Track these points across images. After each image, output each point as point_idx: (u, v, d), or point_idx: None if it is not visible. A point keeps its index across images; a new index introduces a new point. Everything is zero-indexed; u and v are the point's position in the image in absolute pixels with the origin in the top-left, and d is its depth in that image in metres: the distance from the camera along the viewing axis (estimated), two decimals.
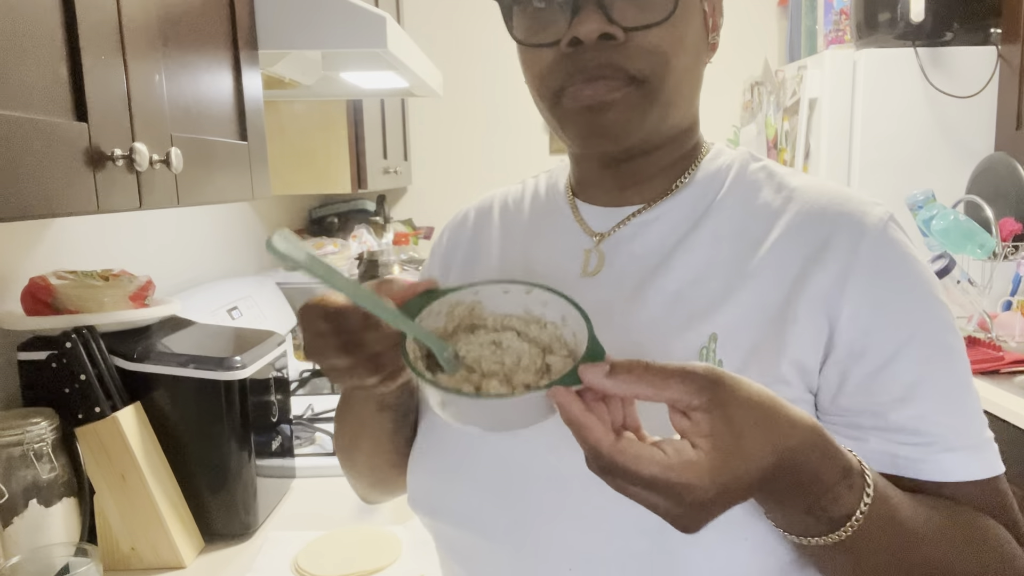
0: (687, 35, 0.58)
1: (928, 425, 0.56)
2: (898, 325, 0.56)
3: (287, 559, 1.04)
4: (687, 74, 0.59)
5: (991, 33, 2.25)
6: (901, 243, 0.59)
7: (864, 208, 0.59)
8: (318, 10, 1.13)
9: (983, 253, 1.92)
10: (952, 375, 0.57)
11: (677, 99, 0.60)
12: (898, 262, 0.58)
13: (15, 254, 1.15)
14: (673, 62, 0.57)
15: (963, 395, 0.58)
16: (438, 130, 3.04)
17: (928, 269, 0.60)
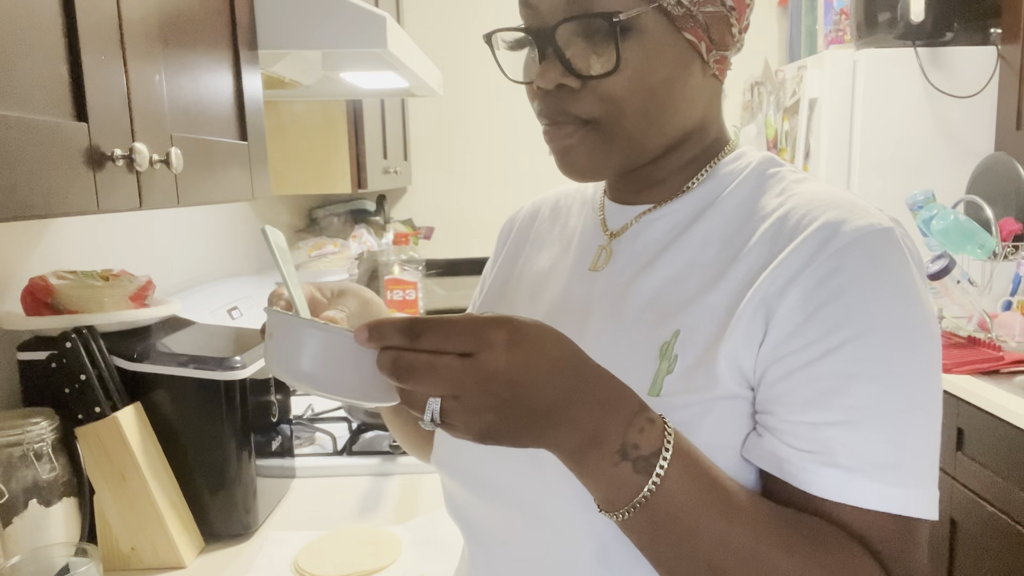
0: (650, 74, 0.59)
1: (825, 436, 0.53)
2: (825, 335, 0.53)
3: (287, 559, 1.04)
4: (655, 104, 0.60)
5: (991, 33, 2.25)
6: (877, 255, 0.54)
7: (848, 216, 0.56)
8: (318, 10, 1.13)
9: (983, 253, 1.92)
10: (883, 400, 0.53)
11: (647, 127, 0.61)
12: (860, 275, 0.54)
13: (15, 254, 1.15)
14: (629, 104, 0.59)
15: (892, 424, 0.53)
16: (438, 130, 3.04)
17: (911, 292, 0.55)
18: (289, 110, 2.00)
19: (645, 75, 0.58)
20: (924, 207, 2.01)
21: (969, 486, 1.77)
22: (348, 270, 2.22)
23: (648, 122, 0.60)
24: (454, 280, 2.67)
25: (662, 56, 0.59)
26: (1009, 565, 1.64)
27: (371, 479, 1.32)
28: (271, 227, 0.63)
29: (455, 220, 3.08)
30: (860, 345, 0.53)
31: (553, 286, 0.71)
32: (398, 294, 2.30)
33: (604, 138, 0.61)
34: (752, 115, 2.79)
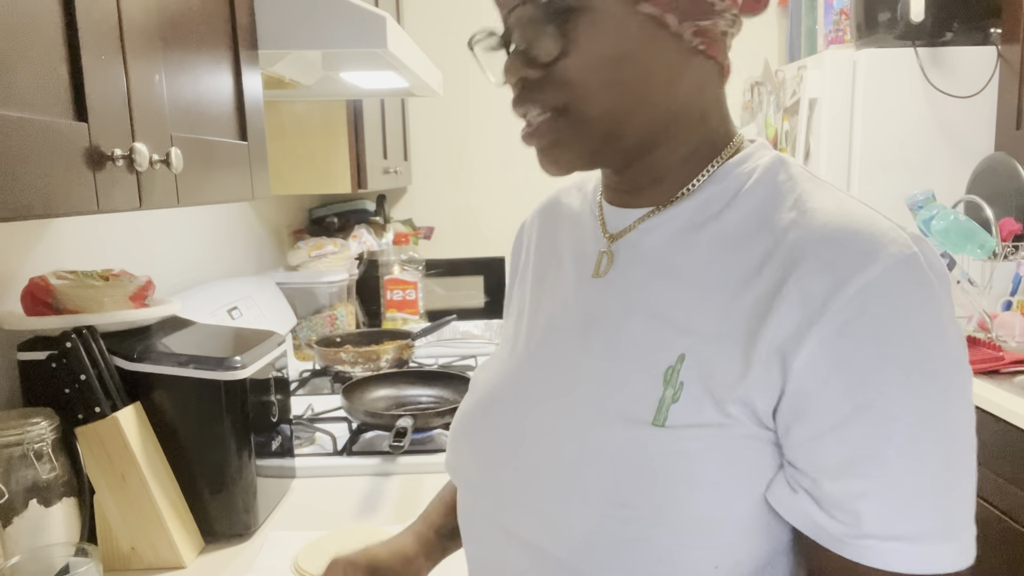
0: (605, 53, 0.55)
1: (862, 506, 0.51)
2: (853, 389, 0.50)
3: (287, 559, 1.04)
4: (619, 84, 0.56)
5: (991, 33, 2.25)
6: (899, 294, 0.50)
7: (867, 247, 0.51)
8: (318, 10, 1.13)
9: (983, 253, 1.92)
10: (922, 462, 0.50)
11: (616, 108, 0.57)
12: (883, 317, 0.50)
13: (15, 254, 1.15)
14: (589, 86, 0.56)
15: (932, 485, 0.50)
16: (438, 130, 3.04)
17: (938, 329, 0.50)
18: (289, 110, 2.00)
19: (599, 54, 0.55)
20: (924, 207, 2.01)
21: None
22: (348, 270, 2.22)
23: (616, 103, 0.56)
24: (454, 280, 2.67)
25: (617, 32, 0.55)
26: (1009, 565, 1.64)
27: (371, 479, 1.32)
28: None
29: (455, 220, 3.08)
30: (890, 402, 0.50)
31: (556, 295, 0.68)
32: (398, 294, 2.30)
33: (575, 125, 0.58)
34: (752, 115, 2.79)
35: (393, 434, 1.29)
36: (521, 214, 3.45)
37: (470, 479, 0.68)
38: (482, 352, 2.16)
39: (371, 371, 1.78)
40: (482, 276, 2.68)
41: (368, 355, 1.82)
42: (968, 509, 0.52)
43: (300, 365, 2.02)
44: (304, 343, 2.11)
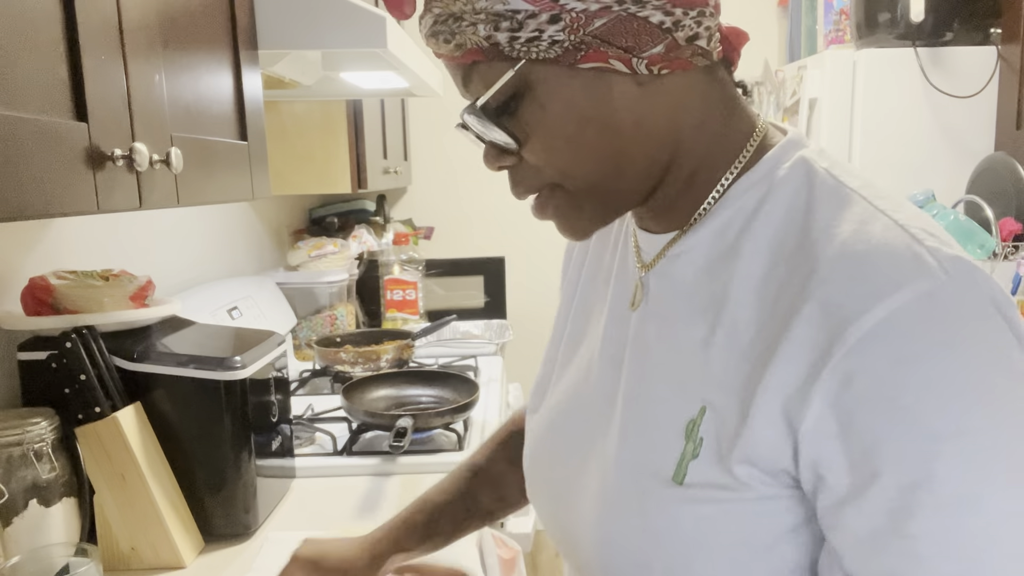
0: (563, 126, 0.53)
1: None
2: (867, 451, 0.44)
3: (287, 559, 1.04)
4: (593, 148, 0.53)
5: (991, 33, 2.25)
6: (906, 344, 0.43)
7: (878, 284, 0.44)
8: (318, 10, 1.13)
9: (983, 253, 1.92)
10: (951, 536, 0.43)
11: (603, 171, 0.54)
12: (887, 371, 0.43)
13: (15, 254, 1.15)
14: (564, 162, 0.54)
15: (969, 559, 0.43)
16: (438, 130, 3.03)
17: (970, 382, 0.42)
18: (289, 110, 2.00)
19: (556, 130, 0.53)
20: (924, 207, 2.01)
21: None
22: (348, 270, 2.22)
23: (595, 166, 0.54)
24: (454, 280, 2.67)
25: (562, 102, 0.52)
26: None
27: (371, 479, 1.32)
28: None
29: (455, 220, 3.08)
30: (907, 468, 0.43)
31: (600, 324, 0.66)
32: (398, 294, 2.30)
33: (569, 198, 0.56)
34: None
35: (393, 434, 1.29)
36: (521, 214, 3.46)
37: (542, 511, 0.70)
38: (482, 352, 2.15)
39: (371, 371, 1.78)
40: (482, 276, 2.68)
41: (368, 355, 1.82)
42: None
43: (300, 365, 2.02)
44: (304, 343, 2.11)
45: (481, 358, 2.08)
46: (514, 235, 3.07)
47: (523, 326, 3.11)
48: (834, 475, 0.46)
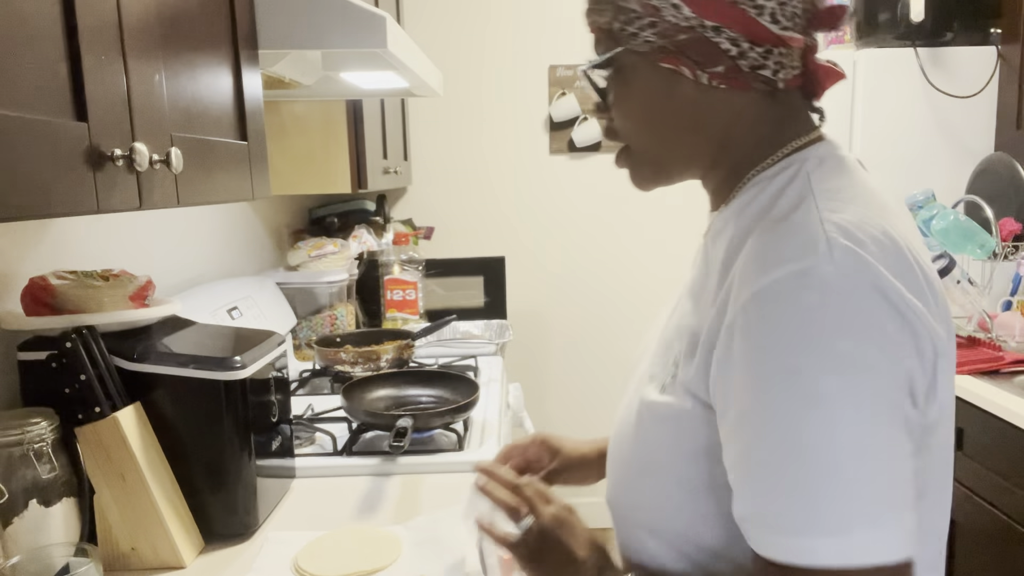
0: (633, 102, 0.71)
1: (738, 490, 0.61)
2: (732, 387, 0.60)
3: (287, 559, 1.04)
4: (652, 124, 0.71)
5: (991, 33, 2.25)
6: (769, 310, 0.57)
7: (770, 260, 0.59)
8: (318, 10, 1.13)
9: (983, 253, 1.92)
10: (775, 452, 0.56)
11: (657, 143, 0.72)
12: (754, 324, 0.58)
13: (15, 254, 1.15)
14: (629, 128, 0.73)
15: (787, 478, 0.56)
16: (438, 130, 3.04)
17: (808, 342, 0.56)
18: (289, 110, 2.00)
19: (630, 103, 0.71)
20: (924, 207, 2.01)
21: (969, 486, 1.77)
22: (348, 270, 2.22)
23: (651, 142, 0.72)
24: (454, 280, 2.67)
25: (641, 86, 0.69)
26: (1009, 565, 1.64)
27: (371, 479, 1.32)
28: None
29: (455, 220, 3.08)
30: (750, 403, 0.58)
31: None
32: (398, 294, 2.30)
33: (632, 159, 0.74)
34: None
35: (393, 434, 1.29)
36: (521, 214, 3.47)
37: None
38: (482, 352, 2.15)
39: (371, 371, 1.78)
40: (482, 276, 2.67)
41: (368, 355, 1.82)
42: (844, 509, 0.55)
43: (300, 365, 2.02)
44: (304, 343, 2.11)
45: (481, 358, 2.08)
46: (514, 235, 3.07)
47: (523, 326, 3.11)
48: (722, 399, 0.62)
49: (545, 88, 2.98)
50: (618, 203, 3.06)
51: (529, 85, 2.99)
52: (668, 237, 3.09)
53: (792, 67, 0.68)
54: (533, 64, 2.97)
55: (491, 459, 0.99)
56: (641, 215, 3.08)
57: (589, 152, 3.03)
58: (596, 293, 3.11)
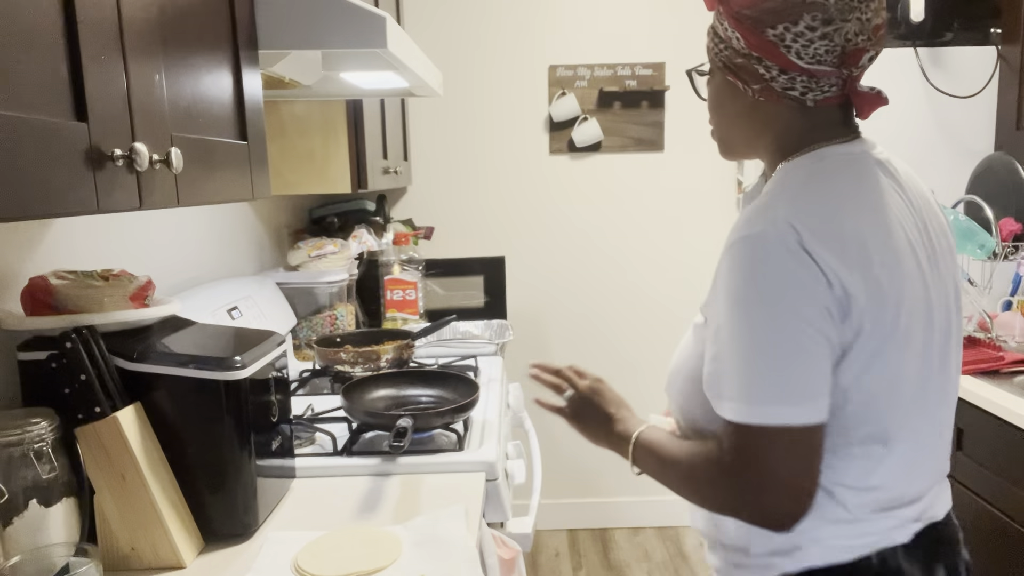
0: (714, 98, 1.02)
1: (706, 371, 0.91)
2: (713, 309, 0.90)
3: (287, 559, 1.04)
4: (721, 115, 1.02)
5: (991, 33, 2.25)
6: (734, 259, 0.86)
7: (737, 230, 0.87)
8: (318, 10, 1.13)
9: (983, 253, 1.92)
10: (726, 347, 0.87)
11: (721, 130, 1.04)
12: (724, 267, 0.88)
13: (15, 254, 1.15)
14: (711, 115, 1.04)
15: (729, 363, 0.87)
16: (438, 130, 3.04)
17: (747, 280, 0.85)
18: (289, 110, 2.00)
19: (711, 100, 1.02)
20: None
21: (969, 486, 1.77)
22: (348, 270, 2.22)
23: (722, 126, 1.03)
24: (454, 280, 2.67)
25: (716, 90, 1.01)
26: (1009, 565, 1.64)
27: (371, 479, 1.32)
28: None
29: (455, 220, 3.08)
30: (721, 314, 0.87)
31: None
32: (398, 294, 2.30)
33: (714, 135, 1.05)
34: None
35: (393, 434, 1.29)
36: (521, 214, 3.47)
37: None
38: (482, 352, 2.16)
39: (371, 371, 1.78)
40: (482, 276, 2.67)
41: (368, 355, 1.82)
42: (746, 386, 0.85)
43: (300, 365, 2.02)
44: (304, 343, 2.11)
45: (481, 358, 2.08)
46: (514, 235, 3.07)
47: (523, 326, 3.12)
48: (712, 316, 0.90)
49: (545, 88, 2.98)
50: (618, 203, 3.06)
51: (529, 85, 2.99)
52: (667, 237, 3.09)
53: (823, 90, 0.91)
54: (533, 64, 2.98)
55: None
56: (641, 215, 3.08)
57: (589, 152, 3.03)
58: (596, 293, 3.11)
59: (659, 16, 2.96)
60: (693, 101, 3.05)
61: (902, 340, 0.87)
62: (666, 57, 2.96)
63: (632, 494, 3.23)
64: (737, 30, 0.91)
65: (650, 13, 2.96)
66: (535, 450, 1.82)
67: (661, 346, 3.16)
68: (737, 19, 0.91)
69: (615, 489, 3.22)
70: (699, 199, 3.07)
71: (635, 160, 3.04)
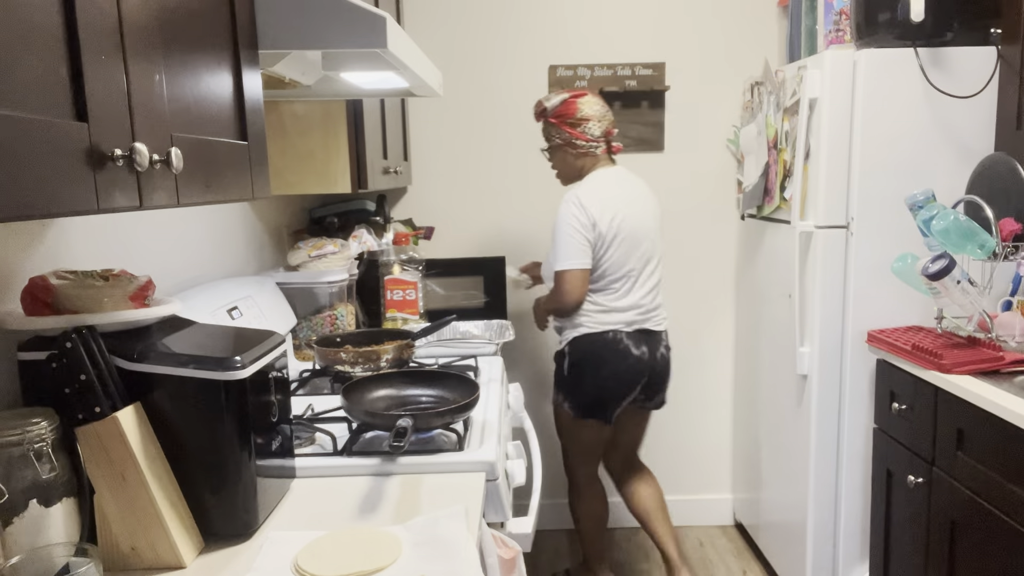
0: (561, 160, 2.41)
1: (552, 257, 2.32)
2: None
3: (287, 559, 1.04)
4: (562, 167, 2.43)
5: (991, 33, 2.25)
6: (560, 213, 2.29)
7: (565, 200, 2.30)
8: (318, 10, 1.14)
9: (983, 253, 1.92)
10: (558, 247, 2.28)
11: (563, 173, 2.43)
12: (557, 217, 2.30)
13: (15, 254, 1.15)
14: (556, 167, 2.45)
15: (555, 253, 2.28)
16: (438, 130, 3.04)
17: (565, 214, 2.28)
18: (289, 110, 2.00)
19: (555, 157, 2.43)
20: (924, 207, 2.01)
21: (969, 486, 1.77)
22: (348, 270, 2.22)
23: (559, 168, 2.44)
24: (454, 280, 2.67)
25: (554, 152, 2.42)
26: (1009, 565, 1.64)
27: (371, 479, 1.32)
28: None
29: (455, 220, 3.08)
30: (555, 235, 2.30)
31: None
32: (398, 294, 2.30)
33: (558, 175, 2.48)
34: (752, 115, 2.79)
35: (393, 434, 1.29)
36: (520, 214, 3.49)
37: None
38: (482, 352, 2.16)
39: (371, 371, 1.78)
40: (482, 276, 2.67)
41: (368, 355, 1.82)
42: (564, 257, 2.28)
43: (300, 365, 2.02)
44: (304, 343, 2.11)
45: (481, 358, 2.08)
46: (514, 235, 3.07)
47: (523, 326, 3.11)
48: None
49: (545, 88, 2.98)
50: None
51: (529, 85, 2.99)
52: (667, 237, 3.09)
53: (595, 147, 2.35)
54: (533, 64, 2.98)
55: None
56: None
57: None
58: None
59: (659, 16, 2.96)
60: (693, 101, 3.05)
61: (620, 247, 2.28)
62: (666, 57, 2.96)
63: None
64: (561, 127, 2.34)
65: (650, 13, 2.96)
66: (535, 450, 1.82)
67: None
68: (560, 121, 2.33)
69: (615, 489, 3.22)
70: (699, 199, 3.07)
71: (635, 160, 3.04)
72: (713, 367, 3.20)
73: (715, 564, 2.95)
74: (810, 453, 2.41)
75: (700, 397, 3.22)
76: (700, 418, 3.23)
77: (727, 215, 3.08)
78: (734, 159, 3.03)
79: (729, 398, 3.22)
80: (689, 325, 3.16)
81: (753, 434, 2.96)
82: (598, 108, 2.31)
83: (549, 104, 2.31)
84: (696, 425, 3.23)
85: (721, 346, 3.18)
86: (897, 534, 2.15)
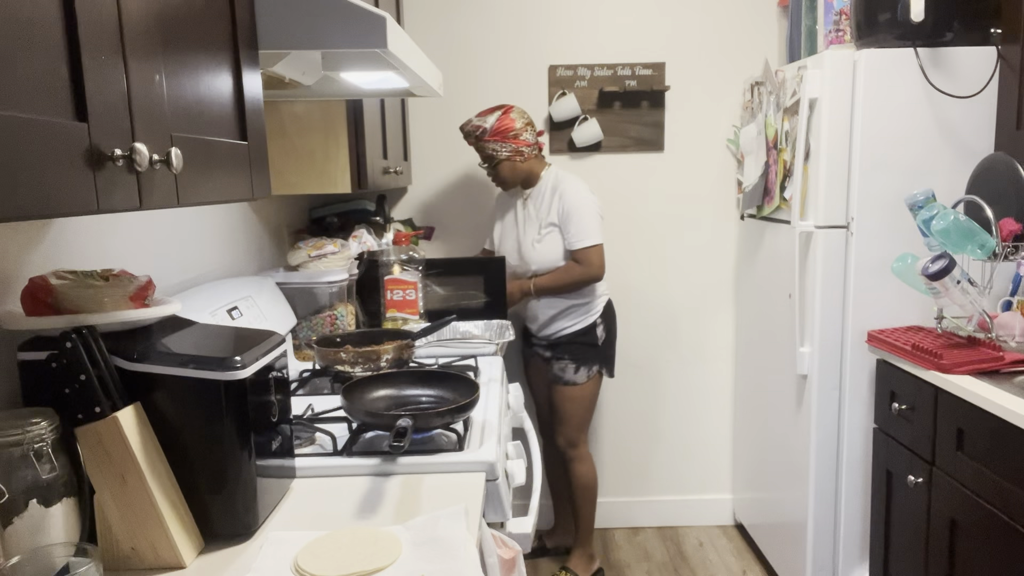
0: (510, 169, 2.61)
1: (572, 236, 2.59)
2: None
3: (287, 559, 1.04)
4: (511, 174, 2.62)
5: (991, 33, 2.25)
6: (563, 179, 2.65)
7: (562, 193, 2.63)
8: (318, 10, 1.13)
9: (983, 253, 1.92)
10: (571, 222, 2.59)
11: (508, 180, 2.64)
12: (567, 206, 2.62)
13: (15, 254, 1.15)
14: (506, 176, 2.63)
15: (580, 229, 2.57)
16: (438, 130, 3.04)
17: (580, 200, 2.64)
18: (289, 110, 2.00)
19: (504, 167, 2.62)
20: (924, 207, 2.01)
21: (969, 486, 1.77)
22: (348, 270, 2.22)
23: (508, 176, 2.63)
24: (454, 280, 2.67)
25: (503, 163, 2.60)
26: (1009, 565, 1.64)
27: (371, 479, 1.32)
28: None
29: (455, 220, 3.08)
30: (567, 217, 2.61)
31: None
32: (398, 294, 2.30)
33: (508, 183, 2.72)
34: (752, 115, 2.79)
35: (393, 434, 1.29)
36: None
37: None
38: (482, 352, 2.16)
39: (371, 371, 1.78)
40: (482, 276, 2.67)
41: (368, 355, 1.82)
42: (588, 237, 2.58)
43: (300, 365, 2.02)
44: (304, 343, 2.11)
45: (481, 358, 2.08)
46: None
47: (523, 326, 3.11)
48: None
49: (545, 88, 2.98)
50: (617, 203, 3.06)
51: (529, 85, 2.99)
52: (667, 237, 3.09)
53: (536, 150, 2.61)
54: (533, 64, 2.98)
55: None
56: (640, 215, 3.08)
57: (589, 152, 3.03)
58: None
59: (659, 16, 2.96)
60: (693, 101, 3.05)
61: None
62: (666, 57, 2.96)
63: (632, 494, 3.23)
64: (503, 141, 2.55)
65: (650, 13, 2.96)
66: (535, 450, 1.82)
67: (661, 344, 3.16)
68: (502, 137, 2.55)
69: (615, 489, 3.22)
70: (699, 199, 3.07)
71: (635, 160, 3.04)
72: (713, 367, 3.20)
73: (715, 564, 2.95)
74: (810, 453, 2.41)
75: (700, 397, 3.22)
76: (700, 418, 3.23)
77: (727, 215, 3.08)
78: (734, 159, 3.03)
79: (729, 398, 3.22)
80: (689, 325, 3.16)
81: (753, 434, 2.96)
82: (526, 116, 2.60)
83: (487, 124, 2.54)
84: (696, 425, 3.23)
85: (721, 346, 3.18)
86: (897, 534, 2.15)
